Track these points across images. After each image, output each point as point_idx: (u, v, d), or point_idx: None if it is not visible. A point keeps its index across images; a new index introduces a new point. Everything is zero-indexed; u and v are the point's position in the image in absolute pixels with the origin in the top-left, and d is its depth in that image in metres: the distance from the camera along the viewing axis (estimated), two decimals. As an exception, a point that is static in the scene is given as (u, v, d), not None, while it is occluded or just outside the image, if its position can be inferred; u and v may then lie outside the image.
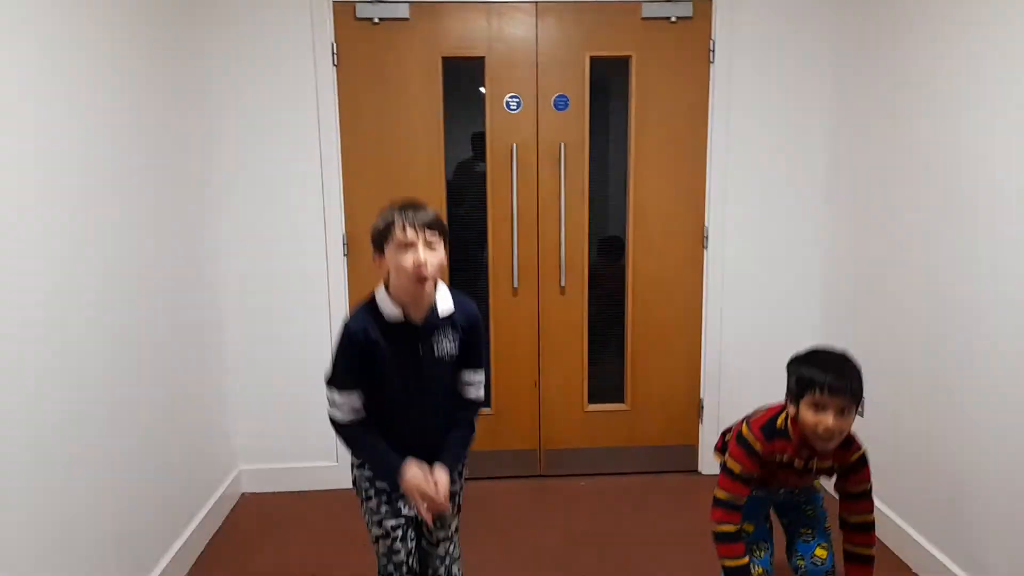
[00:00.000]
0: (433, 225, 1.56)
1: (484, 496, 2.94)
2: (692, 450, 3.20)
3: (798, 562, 1.87)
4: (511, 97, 2.93)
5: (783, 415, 1.73)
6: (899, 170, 2.47)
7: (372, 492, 1.70)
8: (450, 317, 1.66)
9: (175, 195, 2.48)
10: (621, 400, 3.20)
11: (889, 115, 2.52)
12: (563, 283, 3.05)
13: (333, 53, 2.83)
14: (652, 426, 3.18)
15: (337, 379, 1.61)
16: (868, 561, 1.75)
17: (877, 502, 2.64)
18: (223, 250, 2.88)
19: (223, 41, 2.79)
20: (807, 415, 1.62)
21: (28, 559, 1.63)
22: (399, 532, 1.70)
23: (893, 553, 2.50)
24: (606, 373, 3.20)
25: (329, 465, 3.07)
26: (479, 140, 3.00)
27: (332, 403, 1.62)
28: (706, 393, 3.15)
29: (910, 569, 2.41)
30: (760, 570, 1.80)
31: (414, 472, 1.60)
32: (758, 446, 1.72)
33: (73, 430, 1.81)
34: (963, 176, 2.14)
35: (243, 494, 3.05)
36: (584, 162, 2.98)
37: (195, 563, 2.49)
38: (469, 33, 2.88)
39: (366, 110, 2.89)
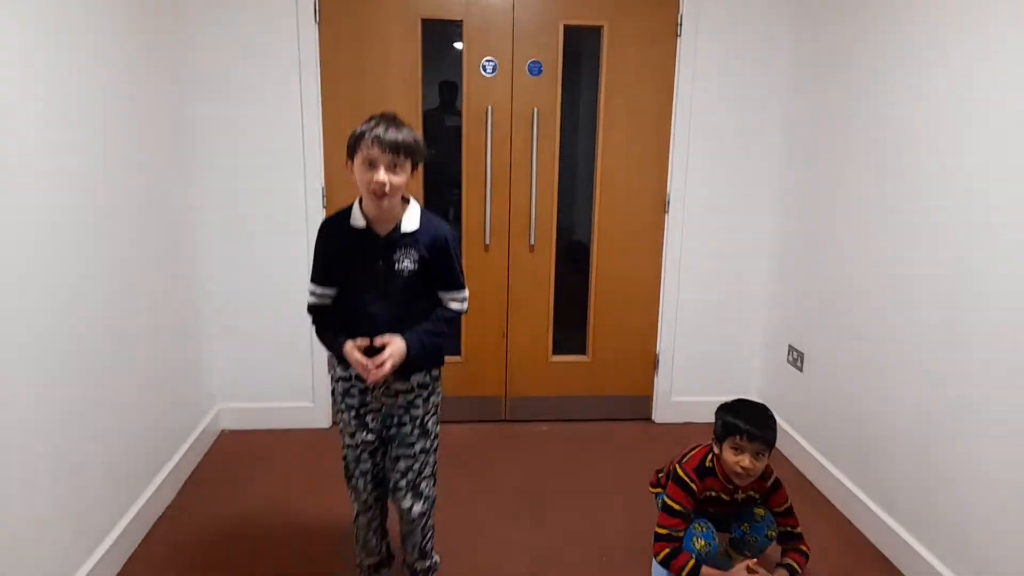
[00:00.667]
0: (400, 148, 1.60)
1: (452, 438, 3.12)
2: (647, 400, 3.43)
3: (741, 527, 2.07)
4: (487, 61, 3.04)
5: (710, 455, 2.00)
6: (847, 143, 2.66)
7: (344, 406, 1.84)
8: (413, 235, 1.71)
9: (158, 144, 2.57)
10: (583, 352, 3.40)
11: (841, 92, 2.70)
12: (532, 241, 3.21)
13: (315, 11, 2.91)
14: (611, 377, 3.39)
15: (312, 273, 1.80)
16: (806, 555, 2.00)
17: (809, 445, 2.90)
18: (206, 199, 2.98)
19: (203, 4, 2.84)
20: (728, 455, 1.91)
21: (19, 484, 1.78)
22: (365, 446, 1.84)
23: (818, 490, 2.76)
24: (570, 327, 3.39)
25: (307, 405, 3.24)
26: (450, 89, 3.10)
27: (310, 292, 1.80)
28: (662, 348, 3.36)
29: (831, 503, 2.66)
30: (703, 542, 1.98)
31: (351, 344, 1.70)
32: (693, 486, 1.97)
33: (57, 366, 1.93)
34: (904, 149, 2.33)
35: (223, 431, 3.20)
36: (556, 127, 3.12)
37: (175, 496, 2.64)
38: (449, -4, 2.98)
39: (346, 68, 2.99)
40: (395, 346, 1.68)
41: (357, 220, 1.72)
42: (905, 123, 2.30)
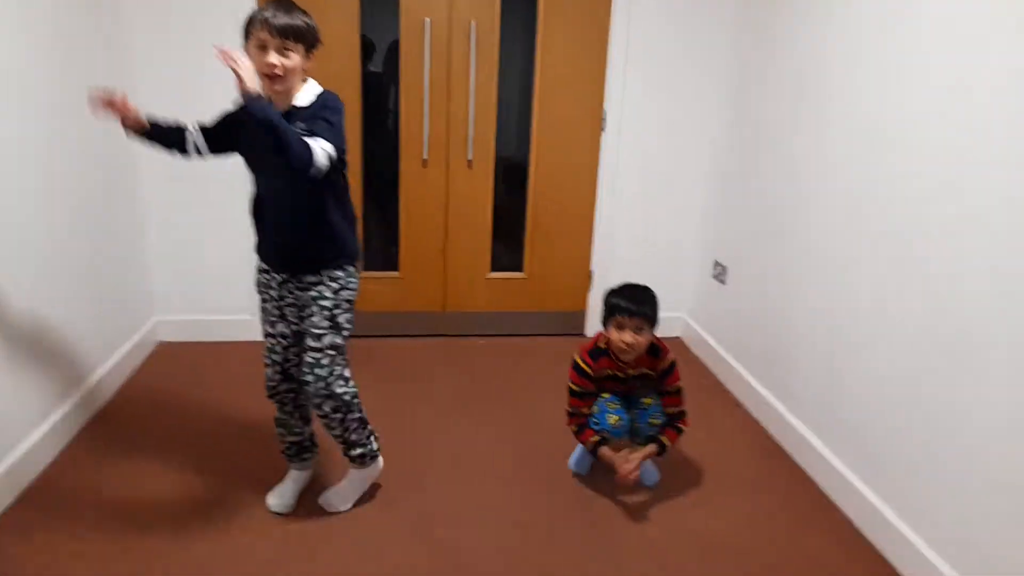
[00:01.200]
0: (289, 32, 1.62)
1: (391, 351, 3.22)
2: (581, 315, 3.54)
3: (631, 413, 2.21)
4: (425, -30, 3.00)
5: (602, 339, 2.14)
6: (777, 78, 2.72)
7: (260, 302, 1.94)
8: (303, 110, 1.71)
9: (96, 66, 2.49)
10: (520, 269, 3.48)
11: (776, 37, 2.75)
12: (470, 157, 3.23)
13: (248, -90, 2.81)
14: (547, 293, 3.49)
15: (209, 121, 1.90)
16: (680, 431, 2.20)
17: (726, 353, 3.05)
18: (142, 99, 2.90)
19: None
20: (613, 334, 2.07)
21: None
22: (275, 340, 1.94)
23: (732, 395, 2.93)
24: (507, 244, 3.46)
25: (245, 319, 3.26)
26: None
27: (193, 128, 1.89)
28: (596, 264, 3.46)
29: (744, 407, 2.84)
30: (616, 418, 2.14)
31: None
32: (588, 368, 2.14)
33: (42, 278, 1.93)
34: (820, 85, 2.41)
35: (159, 342, 3.21)
36: (495, 42, 3.11)
37: (108, 401, 2.67)
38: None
39: None
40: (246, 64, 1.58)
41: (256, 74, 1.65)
42: (820, 73, 2.37)
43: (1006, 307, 1.62)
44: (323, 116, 1.69)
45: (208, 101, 2.90)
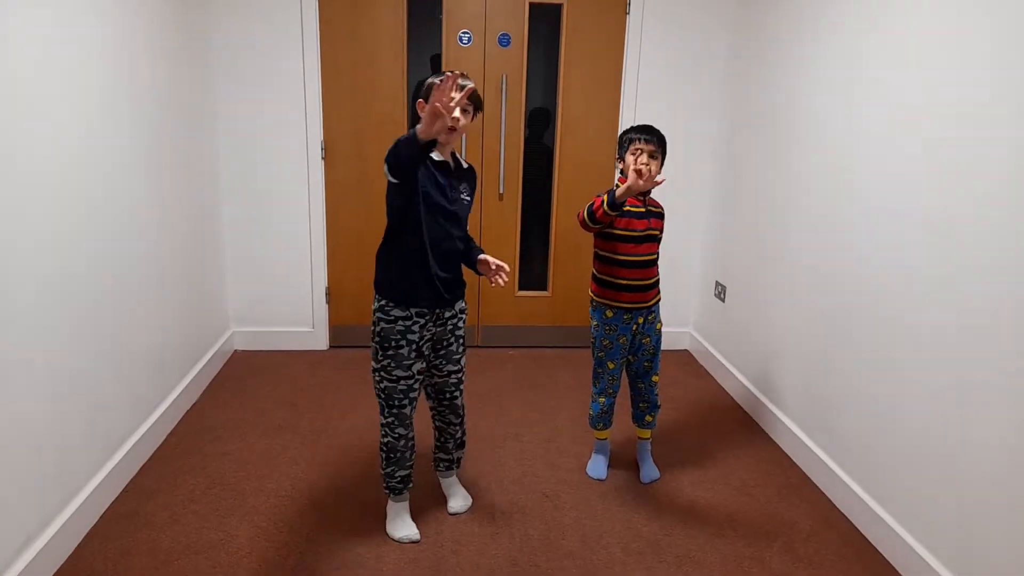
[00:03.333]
0: (472, 96, 1.97)
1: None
2: (599, 330, 3.92)
3: (639, 384, 2.56)
4: (463, 32, 3.46)
5: (618, 179, 2.39)
6: (761, 116, 3.12)
7: (403, 342, 2.05)
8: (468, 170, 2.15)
9: (182, 104, 2.98)
10: (545, 288, 3.88)
11: (762, 80, 3.15)
12: (501, 190, 3.66)
13: (316, -14, 3.31)
14: (569, 310, 3.88)
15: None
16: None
17: (727, 362, 3.38)
18: (226, 149, 3.41)
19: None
20: (629, 161, 2.31)
21: (71, 375, 2.24)
22: (419, 375, 2.11)
23: (733, 399, 3.28)
24: (533, 266, 3.86)
25: (307, 330, 3.70)
26: (436, 61, 3.52)
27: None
28: (612, 285, 3.84)
29: (743, 409, 3.18)
30: (603, 400, 2.52)
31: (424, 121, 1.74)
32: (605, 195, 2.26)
33: (97, 287, 2.38)
34: (803, 121, 2.79)
35: (236, 350, 3.67)
36: (522, 90, 3.55)
37: (198, 399, 3.13)
38: (430, -24, 3.38)
39: (342, 33, 3.39)
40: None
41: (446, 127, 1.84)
42: (803, 107, 2.76)
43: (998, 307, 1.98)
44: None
45: (269, 122, 3.40)
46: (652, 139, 2.34)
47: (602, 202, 2.21)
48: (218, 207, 3.43)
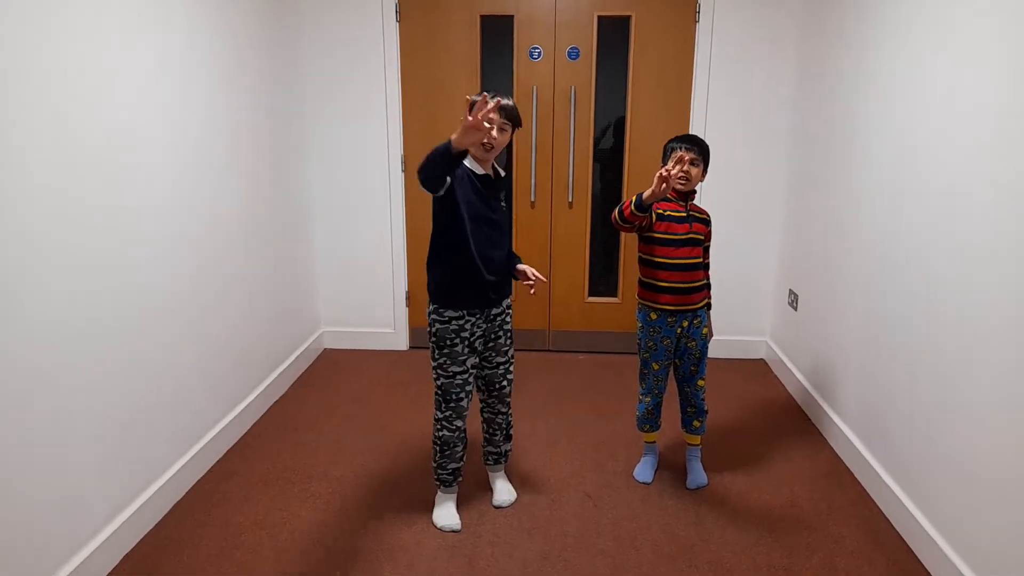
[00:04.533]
0: (509, 115, 2.07)
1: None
2: (670, 337, 3.89)
3: (685, 388, 2.55)
4: (533, 48, 3.56)
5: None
6: (833, 125, 3.01)
7: (457, 340, 2.18)
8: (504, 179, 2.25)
9: (280, 126, 3.27)
10: (615, 295, 3.90)
11: (833, 85, 3.05)
12: (571, 199, 3.73)
13: (396, 11, 3.52)
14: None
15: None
16: (708, 305, 2.53)
17: (796, 371, 3.27)
18: (314, 163, 3.70)
19: (314, 5, 3.51)
20: (673, 153, 2.34)
21: (188, 367, 2.52)
22: (472, 369, 2.25)
23: (800, 408, 3.17)
24: (603, 273, 3.90)
25: (388, 331, 3.93)
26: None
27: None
28: (683, 292, 3.81)
29: (811, 420, 3.08)
30: (651, 407, 2.53)
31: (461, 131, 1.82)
32: (631, 202, 2.25)
33: (210, 293, 2.67)
34: (887, 143, 2.69)
35: (325, 349, 3.95)
36: (591, 102, 3.61)
37: (289, 387, 3.41)
38: (502, -4, 3.51)
39: (420, 57, 3.59)
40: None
41: (474, 165, 2.13)
42: (862, 121, 2.66)
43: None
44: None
45: (355, 138, 3.64)
46: (693, 147, 2.35)
47: (630, 203, 2.24)
48: (311, 220, 3.72)
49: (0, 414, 1.66)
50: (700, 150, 2.36)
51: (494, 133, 2.07)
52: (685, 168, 2.32)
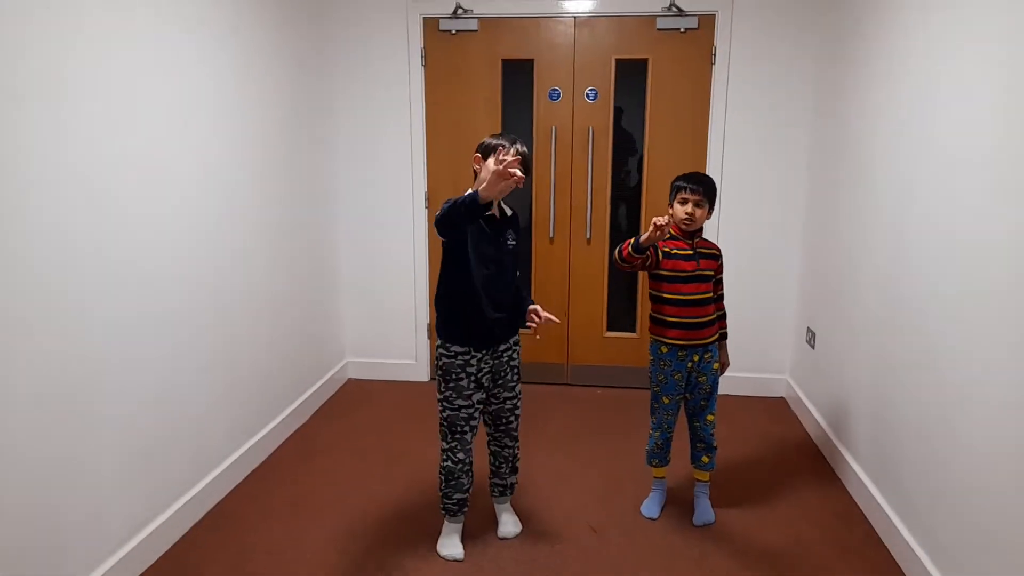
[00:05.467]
0: (525, 162, 2.01)
1: (523, 395, 3.74)
2: (688, 373, 3.88)
3: (695, 423, 2.56)
4: (553, 90, 3.66)
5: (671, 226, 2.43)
6: (844, 155, 3.02)
7: (463, 375, 2.23)
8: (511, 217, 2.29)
9: (310, 162, 3.42)
10: (633, 330, 3.91)
11: (850, 122, 3.06)
12: (589, 235, 3.78)
13: (422, 56, 3.66)
14: (657, 352, 3.88)
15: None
16: (724, 335, 2.58)
17: (813, 407, 3.22)
18: (340, 200, 3.83)
19: (343, 50, 3.68)
20: (677, 208, 2.38)
21: (214, 394, 2.62)
22: (479, 404, 2.29)
23: (813, 441, 3.12)
24: (621, 308, 3.92)
25: (411, 363, 4.00)
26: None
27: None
28: (701, 328, 3.80)
29: (819, 451, 3.02)
30: (658, 434, 2.54)
31: (482, 177, 2.00)
32: (632, 244, 2.30)
33: (240, 324, 2.79)
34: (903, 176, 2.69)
35: (349, 379, 4.03)
36: (608, 142, 3.68)
37: (312, 415, 3.49)
38: (523, 41, 3.62)
39: (444, 99, 3.72)
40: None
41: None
42: (867, 158, 2.67)
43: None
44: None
45: (381, 175, 3.75)
46: (699, 188, 2.38)
47: (629, 244, 2.28)
48: (338, 253, 3.85)
49: (37, 433, 1.77)
50: (705, 189, 2.39)
51: (519, 174, 1.96)
52: (689, 211, 2.36)
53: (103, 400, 2.02)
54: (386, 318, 3.98)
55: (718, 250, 2.53)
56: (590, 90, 3.64)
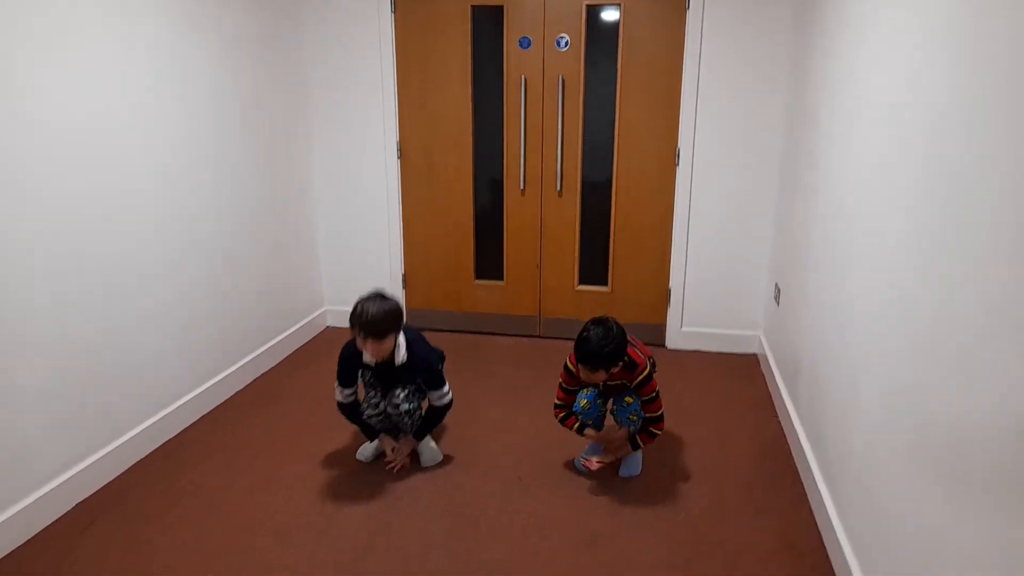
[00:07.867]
0: (379, 333, 2.25)
1: (494, 348, 3.75)
2: (660, 327, 3.79)
3: (611, 407, 2.49)
4: (523, 38, 3.51)
5: (562, 376, 2.45)
6: (805, 127, 2.83)
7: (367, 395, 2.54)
8: (403, 365, 2.40)
9: (282, 112, 3.39)
10: (605, 284, 3.83)
11: (817, 80, 2.86)
12: (560, 188, 3.67)
13: (391, 4, 3.56)
14: (628, 306, 3.79)
15: (338, 379, 2.48)
16: (653, 436, 2.42)
17: (775, 365, 3.11)
18: (315, 150, 3.80)
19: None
20: (581, 370, 2.28)
21: (165, 336, 2.67)
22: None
23: (771, 402, 3.02)
24: (594, 262, 3.82)
25: (385, 312, 4.01)
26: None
27: (339, 393, 2.49)
28: (673, 284, 3.69)
29: (779, 409, 2.93)
30: (585, 401, 2.46)
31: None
32: (574, 369, 2.36)
33: (196, 267, 2.82)
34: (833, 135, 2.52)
35: (327, 327, 4.07)
36: (580, 91, 3.53)
37: (281, 361, 3.54)
38: (492, -14, 3.48)
39: (414, 47, 3.62)
40: (404, 449, 2.52)
41: (367, 357, 2.38)
42: (823, 124, 2.48)
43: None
44: (429, 372, 2.45)
45: (353, 125, 3.69)
46: (596, 368, 2.23)
47: (572, 425, 2.48)
48: (314, 203, 3.84)
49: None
50: (604, 362, 2.21)
51: (367, 355, 2.37)
52: (592, 378, 2.29)
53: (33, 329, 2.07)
54: (361, 268, 3.98)
55: (640, 375, 2.33)
56: (560, 37, 3.49)
